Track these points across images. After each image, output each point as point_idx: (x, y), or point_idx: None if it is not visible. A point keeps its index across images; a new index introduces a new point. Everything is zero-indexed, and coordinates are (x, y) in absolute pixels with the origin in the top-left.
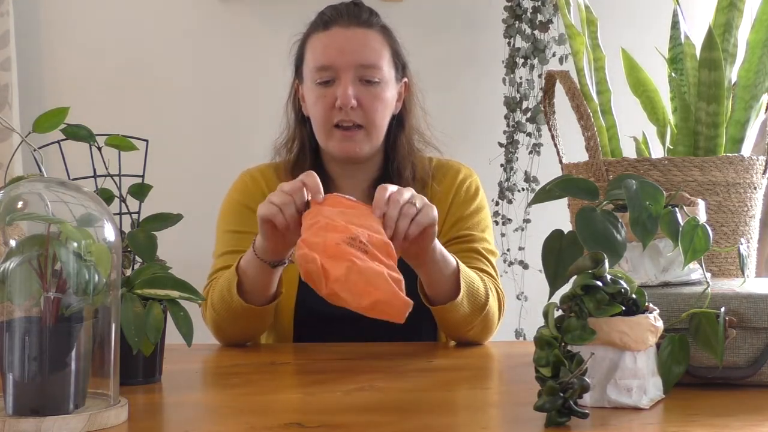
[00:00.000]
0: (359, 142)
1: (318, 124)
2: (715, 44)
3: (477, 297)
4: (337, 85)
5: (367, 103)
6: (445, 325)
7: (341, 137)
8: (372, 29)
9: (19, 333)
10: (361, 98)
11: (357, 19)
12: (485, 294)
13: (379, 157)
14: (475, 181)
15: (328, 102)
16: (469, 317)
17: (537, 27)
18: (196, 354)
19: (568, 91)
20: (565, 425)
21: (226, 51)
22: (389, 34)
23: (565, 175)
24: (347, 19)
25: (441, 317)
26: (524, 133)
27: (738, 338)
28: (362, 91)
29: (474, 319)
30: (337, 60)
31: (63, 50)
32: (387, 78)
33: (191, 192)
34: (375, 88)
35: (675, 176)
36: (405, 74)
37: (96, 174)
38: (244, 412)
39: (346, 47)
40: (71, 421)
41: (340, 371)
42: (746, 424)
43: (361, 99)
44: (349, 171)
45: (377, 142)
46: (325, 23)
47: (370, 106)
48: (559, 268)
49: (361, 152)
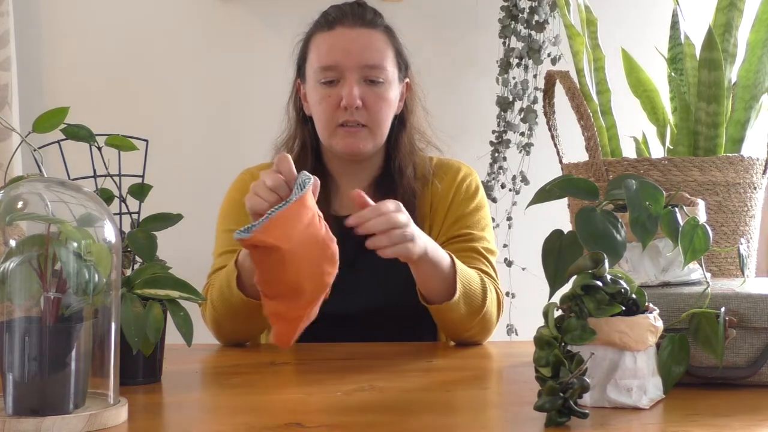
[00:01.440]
0: (363, 139)
1: (322, 123)
2: (715, 44)
3: (474, 298)
4: (342, 86)
5: (372, 103)
6: (442, 324)
7: (345, 134)
8: (376, 29)
9: (19, 333)
10: (366, 98)
11: (361, 19)
12: (483, 295)
13: (381, 156)
14: (475, 180)
15: (333, 102)
16: (467, 318)
17: (533, 27)
18: (196, 354)
19: (568, 91)
20: (565, 425)
21: (227, 51)
22: (392, 34)
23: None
24: (351, 20)
25: (438, 317)
26: (515, 133)
27: (738, 338)
28: (366, 92)
29: (471, 320)
30: (342, 60)
31: (63, 50)
32: (390, 78)
33: (191, 192)
34: (379, 89)
35: (675, 176)
36: (407, 74)
37: (96, 174)
38: (244, 412)
39: (350, 48)
40: (71, 421)
41: (340, 371)
42: (746, 424)
43: (366, 99)
44: (350, 169)
45: (380, 141)
46: (329, 23)
47: (374, 106)
48: (558, 268)
49: (364, 149)
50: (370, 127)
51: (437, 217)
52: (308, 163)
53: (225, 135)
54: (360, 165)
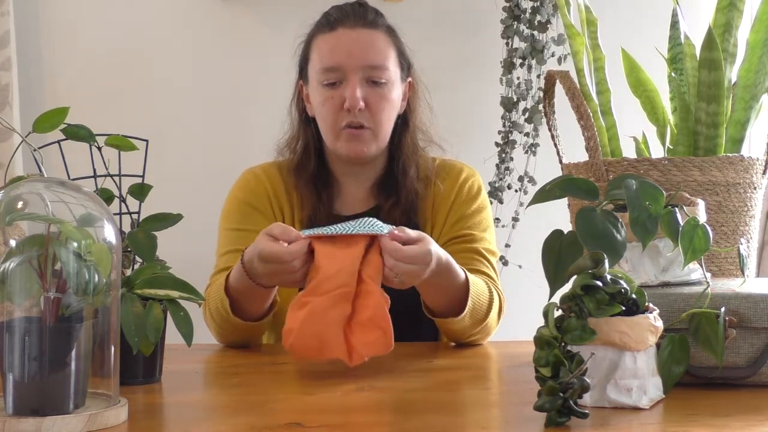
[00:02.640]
0: (366, 141)
1: (326, 125)
2: (715, 44)
3: (480, 311)
4: (345, 87)
5: (375, 104)
6: (444, 331)
7: (348, 137)
8: (378, 30)
9: (19, 333)
10: (369, 99)
11: (363, 19)
12: (488, 307)
13: (384, 157)
14: (477, 180)
15: (336, 104)
16: (469, 328)
17: (536, 27)
18: (196, 354)
19: (568, 91)
20: (565, 425)
21: (227, 51)
22: (394, 34)
23: (565, 175)
24: (353, 20)
25: (441, 326)
26: (521, 133)
27: (738, 338)
28: (369, 93)
29: (474, 329)
30: (344, 62)
31: (63, 50)
32: (393, 78)
33: (191, 192)
34: (382, 89)
35: (675, 176)
36: (410, 73)
37: (96, 174)
38: (244, 412)
39: (352, 49)
40: (71, 421)
41: (340, 371)
42: (746, 424)
43: (369, 100)
44: (353, 170)
45: (383, 143)
46: (331, 24)
47: (377, 107)
48: (559, 268)
49: (368, 152)
50: (372, 130)
51: (439, 217)
52: (311, 165)
53: (225, 135)
54: (363, 166)
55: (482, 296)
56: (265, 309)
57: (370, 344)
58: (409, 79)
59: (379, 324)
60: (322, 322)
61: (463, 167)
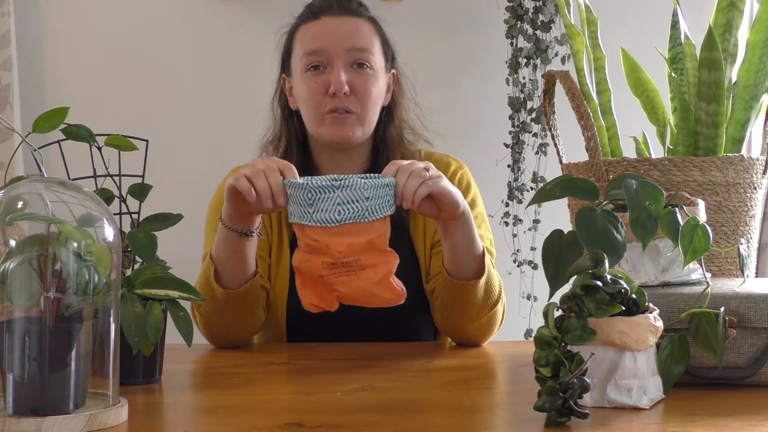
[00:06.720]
0: (351, 126)
1: (310, 111)
2: (715, 44)
3: (492, 291)
4: (329, 72)
5: (360, 88)
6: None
7: (333, 121)
8: (361, 18)
9: (19, 333)
10: (354, 84)
11: (346, 8)
12: (499, 292)
13: (368, 148)
14: (466, 173)
15: (320, 89)
16: (480, 309)
17: (539, 27)
18: (196, 354)
19: (568, 91)
20: (565, 425)
21: (227, 51)
22: (378, 25)
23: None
24: (337, 9)
25: (453, 300)
26: (530, 134)
27: (738, 338)
28: (354, 78)
29: (483, 313)
30: (329, 45)
31: (63, 50)
32: (378, 66)
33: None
34: (367, 74)
35: (675, 176)
36: (394, 65)
37: (96, 174)
38: (244, 412)
39: (337, 32)
40: (71, 421)
41: (340, 371)
42: (746, 424)
43: (354, 85)
44: (337, 161)
45: (369, 129)
46: (315, 14)
47: (363, 92)
48: (559, 268)
49: (353, 137)
50: (358, 114)
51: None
52: (294, 159)
53: (225, 135)
54: (347, 157)
55: (495, 277)
56: (246, 276)
57: (381, 285)
58: (393, 71)
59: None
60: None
61: (450, 160)
